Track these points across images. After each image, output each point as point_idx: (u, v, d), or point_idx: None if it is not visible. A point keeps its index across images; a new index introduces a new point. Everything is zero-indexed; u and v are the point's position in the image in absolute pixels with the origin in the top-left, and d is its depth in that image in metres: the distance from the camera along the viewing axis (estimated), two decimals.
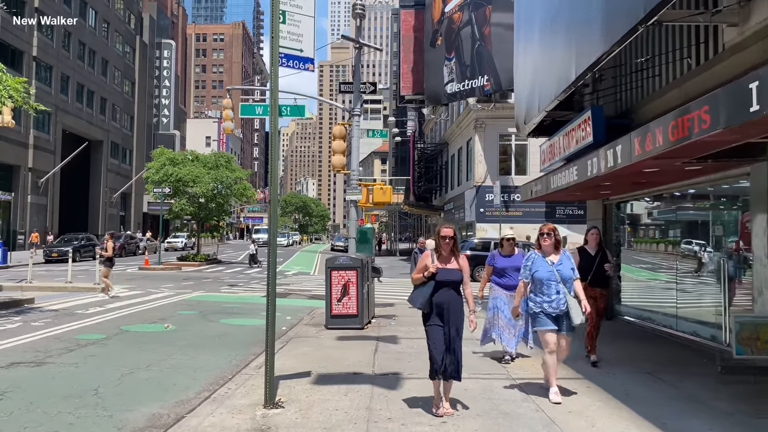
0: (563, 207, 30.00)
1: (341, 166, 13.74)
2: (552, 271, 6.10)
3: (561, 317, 6.10)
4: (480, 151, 30.34)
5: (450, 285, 5.51)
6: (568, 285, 6.10)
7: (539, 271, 6.13)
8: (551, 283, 6.07)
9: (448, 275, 5.52)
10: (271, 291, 5.80)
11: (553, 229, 6.45)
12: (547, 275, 6.09)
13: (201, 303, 14.60)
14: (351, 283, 10.57)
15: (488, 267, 8.33)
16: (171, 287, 18.71)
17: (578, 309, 6.02)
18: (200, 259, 32.27)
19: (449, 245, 5.60)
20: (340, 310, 10.57)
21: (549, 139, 12.94)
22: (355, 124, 14.00)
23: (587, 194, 11.22)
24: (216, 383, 6.83)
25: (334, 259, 10.75)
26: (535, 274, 6.15)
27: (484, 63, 29.33)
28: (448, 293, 5.52)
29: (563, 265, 6.17)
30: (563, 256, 6.30)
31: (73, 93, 51.02)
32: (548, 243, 6.28)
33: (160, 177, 31.15)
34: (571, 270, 6.17)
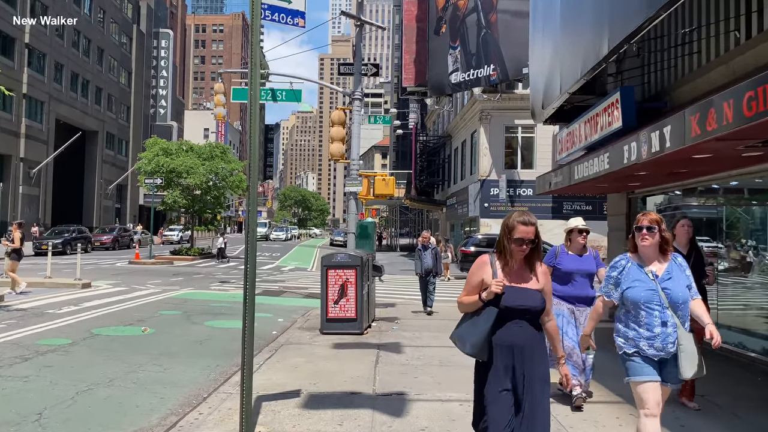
0: (570, 202, 28.91)
1: (340, 154, 12.63)
2: (655, 290, 3.73)
3: (667, 362, 3.77)
4: (485, 143, 29.21)
5: (524, 315, 3.35)
6: (681, 311, 3.75)
7: (634, 289, 3.76)
8: (653, 308, 3.72)
9: (522, 299, 3.34)
10: (249, 297, 4.70)
11: (658, 221, 3.82)
12: (646, 296, 3.73)
13: (187, 302, 13.51)
14: (349, 284, 9.47)
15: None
16: (158, 283, 17.62)
17: (693, 353, 3.70)
18: (194, 253, 31.18)
19: (525, 252, 3.38)
20: (337, 313, 9.47)
21: (567, 126, 11.82)
22: (356, 109, 12.87)
23: (614, 186, 10.10)
24: (187, 404, 5.74)
25: (331, 257, 9.65)
26: (626, 293, 3.79)
27: (491, 51, 28.17)
28: (522, 329, 3.35)
29: (673, 280, 3.77)
30: (672, 264, 3.85)
31: (68, 82, 49.79)
32: (649, 243, 3.79)
33: (152, 168, 30.05)
34: (686, 288, 3.80)
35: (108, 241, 40.49)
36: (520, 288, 3.35)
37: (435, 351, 8.27)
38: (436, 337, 9.42)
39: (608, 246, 11.96)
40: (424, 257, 12.37)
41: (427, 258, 12.34)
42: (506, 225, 3.41)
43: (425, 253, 12.41)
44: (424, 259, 12.34)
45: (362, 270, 9.55)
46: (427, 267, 12.32)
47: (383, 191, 12.96)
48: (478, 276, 3.45)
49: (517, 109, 29.04)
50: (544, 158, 28.95)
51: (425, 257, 12.37)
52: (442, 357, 7.83)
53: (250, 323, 4.68)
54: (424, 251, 12.48)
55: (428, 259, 12.33)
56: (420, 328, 10.27)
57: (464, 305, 3.47)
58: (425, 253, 12.43)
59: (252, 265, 4.73)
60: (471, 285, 3.46)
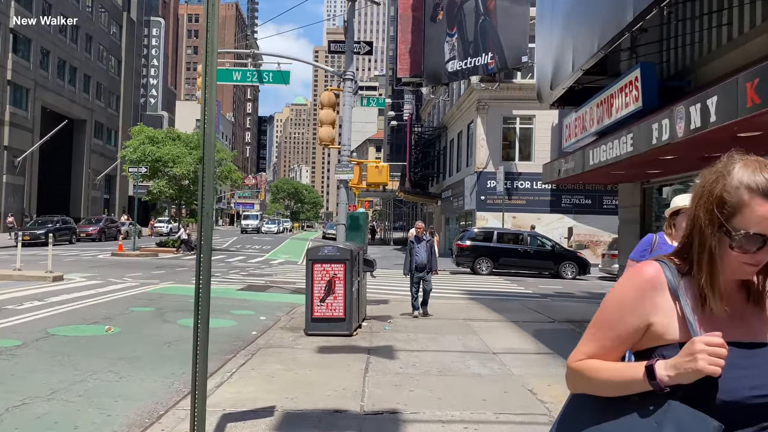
0: (569, 195, 28.07)
1: (330, 139, 11.68)
2: None
3: None
4: (482, 134, 28.27)
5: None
6: None
7: None
8: None
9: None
10: (202, 298, 3.74)
11: None
12: None
13: (164, 297, 12.53)
14: (337, 279, 8.52)
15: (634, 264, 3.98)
16: (138, 276, 16.63)
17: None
18: (180, 245, 30.10)
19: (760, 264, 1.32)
20: (324, 312, 8.53)
21: (576, 110, 10.89)
22: (347, 90, 11.90)
23: (631, 174, 9.18)
24: (138, 423, 4.79)
25: (317, 249, 8.69)
26: None
27: (489, 39, 27.20)
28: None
29: None
30: None
31: (54, 69, 48.46)
32: None
33: (137, 156, 28.95)
34: None
35: (94, 232, 39.39)
36: (752, 351, 1.36)
37: (432, 357, 7.35)
38: (434, 339, 8.50)
39: (619, 240, 11.05)
40: (417, 251, 10.82)
41: (420, 252, 10.81)
42: (722, 196, 1.32)
43: (418, 246, 10.87)
44: (417, 253, 10.81)
45: (352, 264, 8.60)
46: (420, 262, 10.81)
47: (376, 180, 12.03)
48: (637, 315, 1.40)
49: (516, 99, 28.13)
50: (543, 150, 28.05)
51: (418, 251, 10.83)
52: (441, 364, 6.91)
53: (203, 334, 3.72)
54: (417, 244, 10.95)
55: (422, 253, 10.81)
56: (415, 329, 9.35)
57: (596, 381, 1.42)
58: (418, 245, 10.89)
59: (207, 256, 3.78)
60: (614, 332, 1.43)
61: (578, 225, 27.83)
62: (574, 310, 12.44)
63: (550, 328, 9.88)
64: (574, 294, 16.85)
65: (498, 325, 10.13)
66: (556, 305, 13.37)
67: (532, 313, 11.68)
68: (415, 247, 10.89)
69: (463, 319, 10.58)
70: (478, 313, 11.41)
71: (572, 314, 11.57)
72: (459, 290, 16.34)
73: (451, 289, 16.71)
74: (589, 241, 27.72)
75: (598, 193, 28.04)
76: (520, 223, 27.35)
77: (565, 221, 27.89)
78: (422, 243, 10.90)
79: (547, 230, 26.44)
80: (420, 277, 10.81)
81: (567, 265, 21.75)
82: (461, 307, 12.50)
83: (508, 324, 10.23)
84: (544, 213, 28.00)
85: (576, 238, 27.57)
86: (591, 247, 27.39)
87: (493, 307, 12.34)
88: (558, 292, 17.05)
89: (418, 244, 10.90)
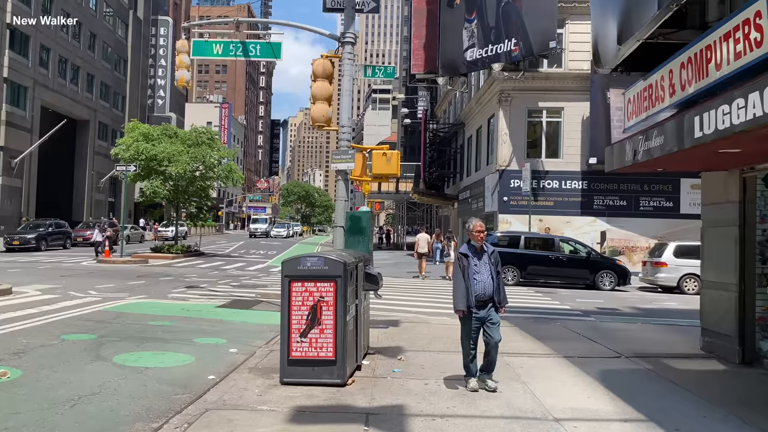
0: (602, 196, 25.36)
1: (325, 119, 9.20)
2: None
3: None
4: (504, 129, 25.64)
5: None
6: None
7: None
8: None
9: None
10: None
11: None
12: None
13: (120, 317, 10.08)
14: (325, 304, 6.01)
15: None
16: (109, 288, 14.25)
17: None
18: (177, 250, 27.82)
19: None
20: (306, 351, 6.01)
21: (644, 78, 8.30)
22: (347, 57, 9.43)
23: (742, 156, 6.50)
24: None
25: (297, 262, 6.15)
26: None
27: (512, 24, 24.63)
28: None
29: None
30: None
31: (55, 67, 46.54)
32: None
33: (130, 154, 26.72)
34: None
35: (92, 236, 37.29)
36: None
37: (464, 428, 4.80)
38: (463, 393, 5.94)
39: (703, 249, 8.41)
40: (476, 271, 6.14)
41: (482, 273, 6.15)
42: None
43: (478, 263, 6.19)
44: (476, 275, 6.13)
45: (346, 283, 6.08)
46: (483, 291, 6.09)
47: (384, 170, 9.51)
48: None
49: (542, 90, 25.49)
50: (572, 146, 25.40)
51: (477, 271, 6.14)
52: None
53: None
54: (475, 258, 6.21)
55: (484, 274, 6.15)
56: (435, 372, 6.81)
57: None
58: (478, 261, 6.19)
59: None
60: None
61: (612, 229, 25.08)
62: (636, 336, 9.79)
63: (620, 368, 7.27)
64: (619, 310, 14.20)
65: (546, 362, 7.54)
66: (609, 328, 10.73)
67: (585, 342, 9.06)
68: (471, 264, 6.15)
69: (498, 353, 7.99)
70: (516, 342, 8.82)
71: (639, 344, 8.94)
72: None
73: None
74: (624, 247, 24.96)
75: (633, 193, 25.31)
76: (548, 226, 24.67)
77: (597, 224, 25.16)
78: (483, 257, 6.21)
79: (577, 234, 23.76)
80: (482, 318, 6.10)
81: (604, 275, 19.05)
82: None
83: (559, 360, 7.64)
84: (574, 215, 25.30)
85: (610, 244, 24.81)
86: (626, 254, 24.62)
87: (532, 332, 9.75)
88: (600, 308, 14.39)
89: (478, 259, 6.19)
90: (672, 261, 18.76)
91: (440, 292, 16.62)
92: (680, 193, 25.12)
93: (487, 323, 6.12)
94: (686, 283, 18.62)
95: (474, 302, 6.02)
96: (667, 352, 8.36)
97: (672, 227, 24.85)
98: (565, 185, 25.36)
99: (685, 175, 24.97)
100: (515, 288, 18.45)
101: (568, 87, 25.22)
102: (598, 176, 25.12)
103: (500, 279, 6.25)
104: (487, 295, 6.08)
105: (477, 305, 6.05)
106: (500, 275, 6.28)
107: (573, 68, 25.22)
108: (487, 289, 6.08)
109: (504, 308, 6.26)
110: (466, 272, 6.10)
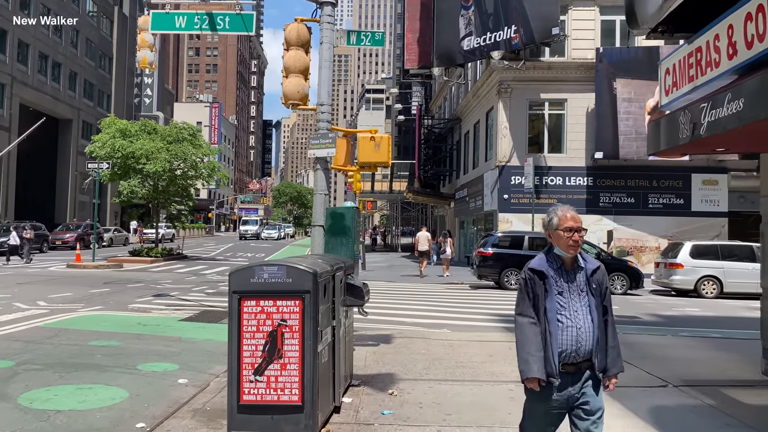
0: (609, 193, 23.87)
1: (300, 96, 7.63)
2: None
3: None
4: (504, 122, 24.09)
5: None
6: None
7: None
8: None
9: None
10: None
11: None
12: None
13: (58, 336, 8.44)
14: (288, 330, 4.41)
15: None
16: (63, 298, 12.60)
17: None
18: (156, 254, 26.15)
19: None
20: (262, 393, 4.41)
21: (690, 40, 6.75)
22: (326, 21, 7.81)
23: None
24: None
25: (250, 272, 4.52)
26: None
27: (512, 10, 23.12)
28: None
29: None
30: None
31: (35, 64, 44.80)
32: None
33: (106, 152, 25.03)
34: None
35: (71, 239, 35.67)
36: None
37: None
38: None
39: (763, 248, 6.85)
40: (562, 305, 3.19)
41: (574, 308, 3.18)
42: None
43: (567, 290, 3.21)
44: (563, 315, 3.17)
45: (316, 299, 4.47)
46: (574, 349, 3.15)
47: (373, 158, 7.92)
48: None
49: (544, 81, 23.96)
50: (576, 140, 23.89)
51: (565, 305, 3.19)
52: None
53: None
54: (560, 279, 3.22)
55: (578, 311, 3.18)
56: (436, 414, 5.22)
57: None
58: (567, 287, 3.21)
59: None
60: None
61: (619, 228, 23.57)
62: (674, 354, 8.21)
63: (674, 404, 5.67)
64: (640, 318, 12.67)
65: None
66: (637, 343, 9.18)
67: None
68: (553, 293, 3.21)
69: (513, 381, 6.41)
70: None
71: (682, 366, 7.36)
72: (487, 314, 12.20)
73: (476, 311, 12.58)
74: (632, 247, 23.46)
75: (642, 189, 23.82)
76: None
77: (604, 223, 23.62)
78: (578, 280, 3.23)
79: None
80: (569, 399, 3.21)
81: (615, 278, 17.51)
82: (498, 347, 8.34)
83: None
84: (579, 214, 23.25)
85: (617, 244, 23.30)
86: (635, 254, 23.13)
87: None
88: (618, 315, 12.80)
89: (566, 283, 3.22)
90: (688, 262, 17.26)
91: (438, 298, 15.06)
92: (691, 190, 23.63)
93: (580, 411, 3.18)
94: (704, 286, 17.13)
95: (556, 367, 3.12)
96: (721, 377, 6.81)
97: (683, 226, 23.38)
98: (569, 182, 23.85)
99: (697, 171, 23.53)
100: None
101: (571, 77, 23.71)
102: (604, 172, 23.64)
103: (610, 323, 3.26)
104: (582, 353, 3.14)
105: (561, 371, 3.13)
106: (610, 315, 3.26)
107: (577, 57, 23.71)
108: (582, 342, 3.14)
109: (614, 381, 3.25)
110: (540, 306, 3.18)
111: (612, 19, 24.06)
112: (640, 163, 23.06)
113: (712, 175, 23.57)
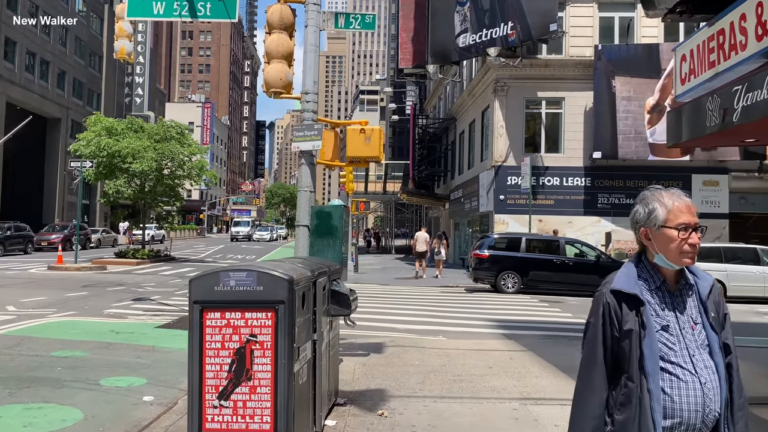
0: (607, 194, 23.30)
1: (283, 84, 6.99)
2: None
3: None
4: (500, 121, 23.50)
5: None
6: None
7: None
8: None
9: None
10: None
11: None
12: None
13: (20, 345, 7.75)
14: (258, 348, 3.75)
15: None
16: (35, 303, 11.89)
17: None
18: (142, 255, 25.40)
19: None
20: (228, 421, 3.75)
21: (711, 23, 6.16)
22: (312, 2, 7.15)
23: None
24: None
25: (216, 278, 3.86)
26: None
27: (508, 6, 22.55)
28: None
29: None
30: None
31: (22, 61, 43.93)
32: None
33: (91, 151, 24.30)
34: None
35: (57, 240, 34.73)
36: None
37: None
38: None
39: None
40: (670, 347, 1.95)
41: (690, 352, 1.95)
42: None
43: (675, 322, 1.99)
44: (673, 363, 1.93)
45: (292, 310, 3.81)
46: (694, 417, 1.89)
47: (363, 152, 7.28)
48: None
49: (541, 79, 23.38)
50: (574, 139, 23.33)
51: (675, 347, 1.95)
52: None
53: None
54: (661, 305, 2.03)
55: (696, 355, 1.95)
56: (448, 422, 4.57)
57: None
58: (675, 317, 2.00)
59: None
60: None
61: (618, 229, 22.99)
62: None
63: None
64: None
65: None
66: None
67: None
68: (651, 329, 1.95)
69: (517, 399, 5.78)
70: (536, 378, 6.62)
71: None
72: (484, 319, 11.56)
73: (472, 316, 11.94)
74: (631, 249, 22.84)
75: (640, 190, 22.69)
76: (547, 227, 22.55)
77: (602, 225, 23.06)
78: (688, 306, 2.03)
79: (580, 236, 21.64)
80: None
81: None
82: (498, 357, 7.70)
83: None
84: (577, 215, 23.20)
85: (615, 246, 22.73)
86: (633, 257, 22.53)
87: (552, 359, 7.56)
88: None
89: (673, 312, 2.01)
90: None
91: (433, 302, 14.42)
92: (691, 190, 23.05)
93: None
94: None
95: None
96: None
97: None
98: (567, 182, 23.27)
99: (697, 171, 23.01)
100: (516, 296, 16.29)
101: (569, 75, 23.15)
102: (602, 172, 23.08)
103: (735, 370, 2.02)
104: (710, 418, 1.93)
105: None
106: (734, 358, 2.03)
107: (575, 54, 23.15)
108: (711, 406, 1.93)
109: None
110: (633, 351, 1.95)
111: (611, 16, 23.53)
112: (639, 164, 22.53)
113: (712, 176, 23.06)
